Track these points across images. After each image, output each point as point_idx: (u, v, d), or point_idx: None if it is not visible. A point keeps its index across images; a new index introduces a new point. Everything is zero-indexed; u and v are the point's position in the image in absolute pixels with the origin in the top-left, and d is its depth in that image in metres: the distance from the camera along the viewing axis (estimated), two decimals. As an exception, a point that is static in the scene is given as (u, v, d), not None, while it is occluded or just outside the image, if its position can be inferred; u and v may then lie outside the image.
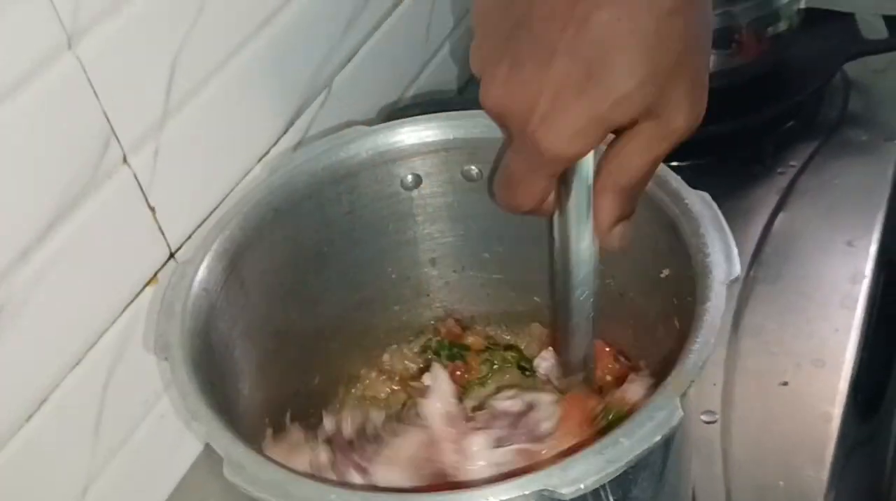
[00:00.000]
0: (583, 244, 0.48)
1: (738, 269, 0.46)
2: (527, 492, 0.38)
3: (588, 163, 0.46)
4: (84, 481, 0.60)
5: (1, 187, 0.50)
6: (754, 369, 0.69)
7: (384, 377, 0.65)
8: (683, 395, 0.41)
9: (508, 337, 0.68)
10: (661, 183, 0.52)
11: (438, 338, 0.68)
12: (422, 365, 0.67)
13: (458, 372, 0.65)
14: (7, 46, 0.49)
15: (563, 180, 0.46)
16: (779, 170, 0.83)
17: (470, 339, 0.68)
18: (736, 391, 0.68)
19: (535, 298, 0.65)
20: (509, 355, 0.66)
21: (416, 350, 0.68)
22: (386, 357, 0.67)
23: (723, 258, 0.47)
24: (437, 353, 0.67)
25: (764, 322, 0.72)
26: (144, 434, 0.63)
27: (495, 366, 0.66)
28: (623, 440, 0.39)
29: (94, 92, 0.55)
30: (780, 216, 0.79)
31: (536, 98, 0.42)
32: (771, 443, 0.64)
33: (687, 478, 0.53)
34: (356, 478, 0.48)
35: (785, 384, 0.67)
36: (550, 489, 0.38)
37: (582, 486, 0.38)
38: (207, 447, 0.69)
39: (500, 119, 0.45)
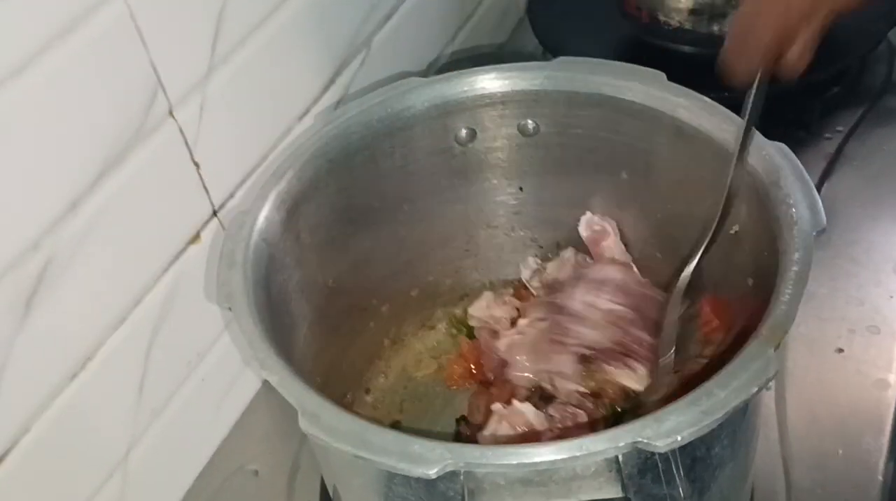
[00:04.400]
0: None
1: (823, 220, 0.45)
2: (620, 444, 0.37)
3: None
4: (127, 441, 0.58)
5: (51, 137, 0.48)
6: (807, 336, 0.67)
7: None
8: (777, 346, 0.40)
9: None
10: (734, 134, 0.50)
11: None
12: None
13: None
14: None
15: None
16: (825, 135, 0.81)
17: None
18: (789, 357, 0.66)
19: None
20: None
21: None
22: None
23: (807, 208, 0.45)
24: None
25: (815, 288, 0.70)
26: (187, 394, 0.62)
27: None
28: (718, 391, 0.38)
29: (143, 41, 0.53)
30: (828, 182, 0.77)
31: None
32: (827, 411, 0.63)
33: (757, 439, 0.51)
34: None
35: (840, 351, 0.66)
36: (644, 441, 0.36)
37: (678, 438, 0.36)
38: (248, 409, 0.68)
39: None
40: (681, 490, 0.42)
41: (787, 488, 0.59)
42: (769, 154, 0.48)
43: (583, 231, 0.63)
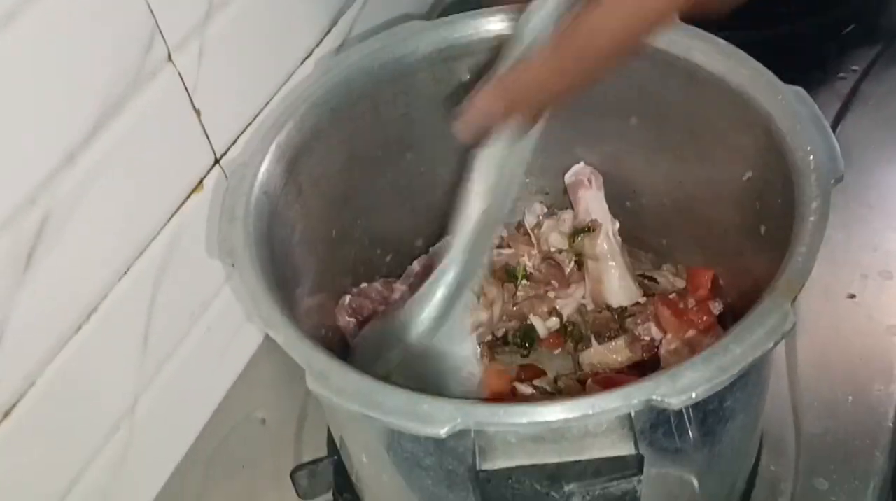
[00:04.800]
0: None
1: (842, 168, 0.43)
2: (633, 401, 0.36)
3: None
4: (134, 393, 0.58)
5: (44, 87, 0.47)
6: (819, 281, 0.66)
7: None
8: (794, 300, 0.39)
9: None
10: (751, 78, 0.48)
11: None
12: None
13: None
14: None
15: None
16: (840, 75, 0.79)
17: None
18: (800, 303, 0.65)
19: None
20: None
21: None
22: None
23: (825, 156, 0.44)
24: None
25: (828, 233, 0.68)
26: (192, 344, 0.62)
27: None
28: (733, 347, 0.37)
29: (137, -19, 0.51)
30: (843, 123, 0.76)
31: None
32: (838, 358, 0.62)
33: (767, 386, 0.51)
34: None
35: (852, 296, 0.65)
36: (659, 398, 0.36)
37: (693, 395, 0.36)
38: (254, 357, 0.67)
39: None
40: (692, 443, 0.42)
41: (797, 434, 0.59)
42: (786, 98, 0.47)
43: (567, 178, 0.62)
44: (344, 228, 0.57)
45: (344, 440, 0.52)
